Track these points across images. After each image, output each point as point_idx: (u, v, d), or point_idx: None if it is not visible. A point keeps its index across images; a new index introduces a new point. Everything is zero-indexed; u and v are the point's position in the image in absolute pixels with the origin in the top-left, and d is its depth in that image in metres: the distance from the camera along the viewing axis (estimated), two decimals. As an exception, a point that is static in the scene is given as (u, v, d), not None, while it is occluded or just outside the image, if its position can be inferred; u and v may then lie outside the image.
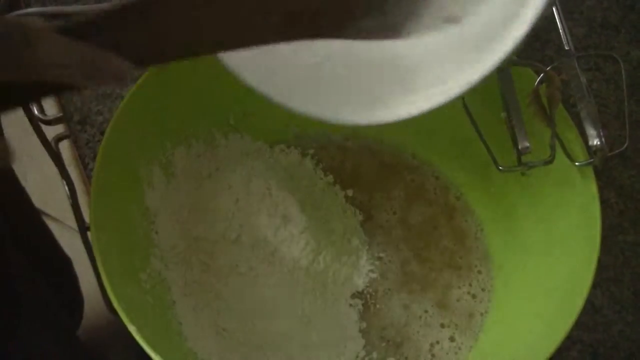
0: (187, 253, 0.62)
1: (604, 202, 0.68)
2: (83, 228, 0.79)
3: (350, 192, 0.68)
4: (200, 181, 0.64)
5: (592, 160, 0.54)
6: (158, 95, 0.61)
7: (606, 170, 0.72)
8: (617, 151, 0.52)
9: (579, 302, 0.52)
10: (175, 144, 0.64)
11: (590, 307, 0.65)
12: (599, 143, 0.52)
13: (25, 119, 0.94)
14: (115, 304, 0.50)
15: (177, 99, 0.63)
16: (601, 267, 0.53)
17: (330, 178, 0.69)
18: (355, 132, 0.72)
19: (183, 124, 0.64)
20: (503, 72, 0.54)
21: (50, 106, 0.97)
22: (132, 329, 0.49)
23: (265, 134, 0.69)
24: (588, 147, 0.54)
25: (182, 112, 0.64)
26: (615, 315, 0.65)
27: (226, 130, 0.67)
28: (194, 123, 0.65)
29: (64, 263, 0.97)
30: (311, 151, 0.70)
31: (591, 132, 0.52)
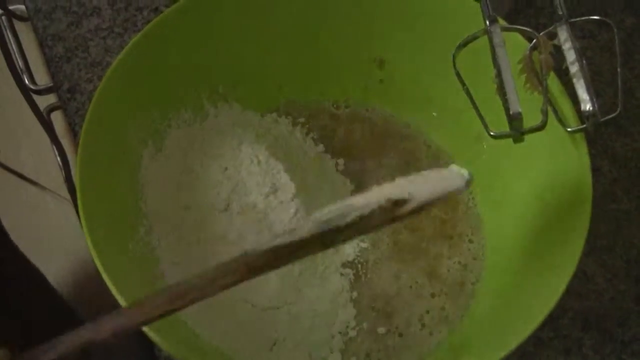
0: (176, 222, 0.61)
1: (597, 171, 0.68)
2: (76, 198, 0.78)
3: (341, 161, 0.68)
4: (189, 150, 0.64)
5: (584, 125, 0.53)
6: (146, 63, 0.61)
7: (599, 139, 0.71)
8: (609, 117, 0.52)
9: (569, 270, 0.51)
10: (164, 112, 0.64)
11: (582, 275, 0.65)
12: (591, 108, 0.51)
13: (18, 92, 0.93)
14: (103, 274, 0.50)
15: (165, 67, 0.62)
16: (594, 235, 0.53)
17: (321, 147, 0.68)
18: (347, 100, 0.71)
19: (171, 93, 0.64)
20: (495, 37, 0.54)
21: (41, 76, 0.96)
22: (119, 299, 0.49)
23: (254, 102, 0.69)
24: (580, 113, 0.53)
25: (170, 81, 0.63)
26: (606, 283, 0.65)
27: (215, 99, 0.67)
28: (183, 91, 0.65)
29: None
30: (302, 120, 0.70)
31: (584, 97, 0.51)
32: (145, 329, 0.48)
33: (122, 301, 0.48)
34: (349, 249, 0.64)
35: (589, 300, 0.64)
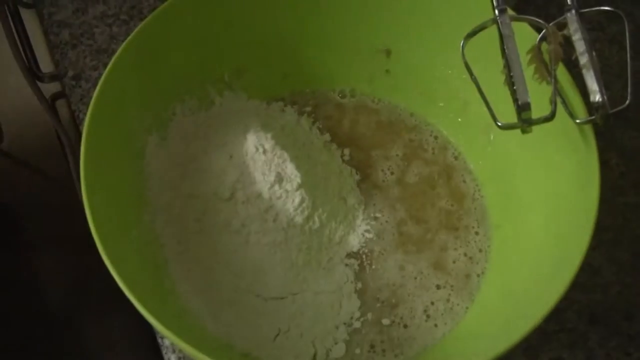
0: (181, 211, 0.61)
1: (604, 164, 0.68)
2: (80, 186, 0.78)
3: (347, 151, 0.68)
4: (194, 138, 0.63)
5: (593, 117, 0.52)
6: (151, 50, 0.60)
7: (607, 132, 0.71)
8: (618, 108, 0.51)
9: (575, 263, 0.51)
10: (169, 100, 0.63)
11: (588, 269, 0.64)
12: (600, 100, 0.50)
13: (23, 79, 0.92)
14: (106, 260, 0.50)
15: (170, 55, 0.62)
16: (601, 228, 0.52)
17: (327, 136, 0.68)
18: (353, 90, 0.71)
19: (177, 80, 0.63)
20: (504, 27, 0.53)
21: (46, 64, 0.96)
22: (122, 285, 0.48)
23: (260, 91, 0.68)
24: (589, 104, 0.52)
25: (175, 68, 0.63)
26: (613, 276, 0.65)
27: (221, 87, 0.66)
28: (188, 79, 0.64)
29: None
30: (308, 109, 0.69)
31: (593, 88, 0.51)
32: (148, 317, 0.47)
33: (125, 289, 0.48)
34: (354, 240, 0.63)
35: (595, 293, 0.64)
